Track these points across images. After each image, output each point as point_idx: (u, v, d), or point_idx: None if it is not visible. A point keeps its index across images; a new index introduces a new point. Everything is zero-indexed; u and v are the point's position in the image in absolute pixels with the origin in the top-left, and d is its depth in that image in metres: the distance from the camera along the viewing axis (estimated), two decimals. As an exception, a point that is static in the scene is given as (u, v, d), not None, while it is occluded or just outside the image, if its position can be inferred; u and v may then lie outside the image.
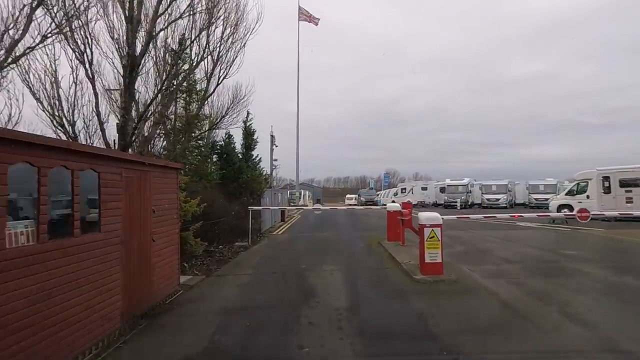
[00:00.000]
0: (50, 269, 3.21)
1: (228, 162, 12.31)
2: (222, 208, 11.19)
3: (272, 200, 17.53)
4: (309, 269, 7.76)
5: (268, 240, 12.68)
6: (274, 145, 25.78)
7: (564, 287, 5.90)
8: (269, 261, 8.95)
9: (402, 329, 4.37)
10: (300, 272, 7.55)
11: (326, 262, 8.57)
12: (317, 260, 8.80)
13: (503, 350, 3.71)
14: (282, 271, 7.75)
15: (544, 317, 4.57)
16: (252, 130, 13.84)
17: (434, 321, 4.52)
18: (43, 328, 3.08)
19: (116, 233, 4.35)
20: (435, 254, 6.64)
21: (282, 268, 8.09)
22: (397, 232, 10.87)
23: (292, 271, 7.75)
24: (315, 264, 8.27)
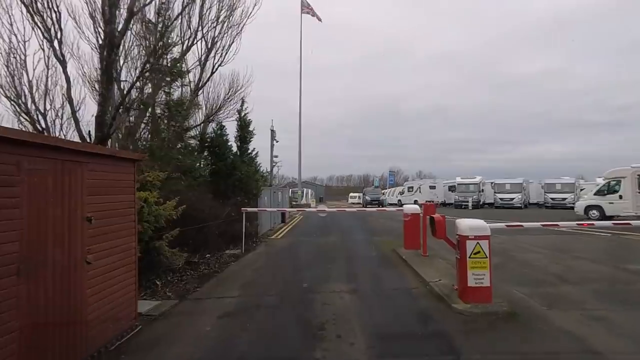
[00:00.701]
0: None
1: (219, 156, 10.67)
2: (210, 210, 9.55)
3: (271, 200, 15.87)
4: (312, 290, 6.11)
5: (265, 247, 11.02)
6: (275, 140, 24.13)
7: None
8: (263, 277, 7.30)
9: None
10: (301, 295, 5.90)
11: (333, 278, 6.92)
12: (322, 275, 7.15)
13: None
14: (278, 293, 6.10)
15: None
16: (247, 121, 12.19)
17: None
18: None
19: (7, 259, 2.72)
20: (481, 276, 4.96)
21: (279, 288, 6.43)
22: (416, 239, 9.22)
23: (290, 293, 6.09)
24: (320, 281, 6.63)
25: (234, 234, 10.48)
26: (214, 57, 16.34)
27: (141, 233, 5.89)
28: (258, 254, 9.73)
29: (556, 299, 5.29)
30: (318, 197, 74.69)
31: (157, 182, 7.08)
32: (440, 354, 3.70)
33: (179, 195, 7.93)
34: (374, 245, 11.09)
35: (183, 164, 8.53)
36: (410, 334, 4.28)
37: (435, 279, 6.40)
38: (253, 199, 12.14)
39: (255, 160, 12.78)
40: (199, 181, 9.37)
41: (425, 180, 39.51)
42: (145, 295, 5.90)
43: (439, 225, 5.65)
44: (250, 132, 12.30)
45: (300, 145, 38.85)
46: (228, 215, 10.14)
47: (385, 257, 8.92)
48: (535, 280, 6.49)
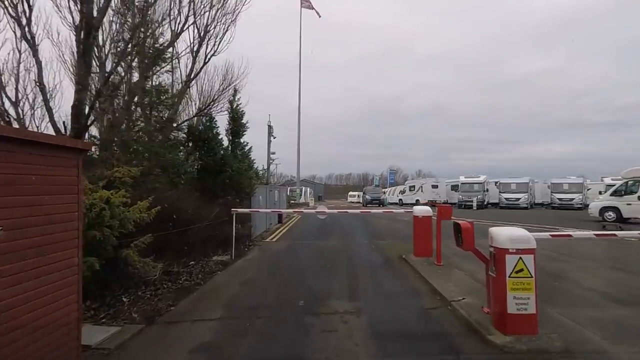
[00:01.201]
0: None
1: (208, 151, 9.58)
2: (195, 211, 8.48)
3: (267, 199, 14.78)
4: (310, 310, 5.05)
5: (258, 251, 9.94)
6: (272, 136, 22.99)
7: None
8: (253, 290, 6.23)
9: None
10: (297, 317, 4.83)
11: (334, 293, 5.86)
12: (321, 288, 6.09)
13: None
14: (269, 314, 5.02)
15: None
16: (240, 112, 11.09)
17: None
18: None
19: None
20: (525, 300, 3.90)
21: (270, 306, 5.36)
22: (428, 245, 8.17)
23: (284, 314, 5.02)
24: (319, 297, 5.57)
25: (224, 238, 9.41)
26: (207, 46, 15.32)
27: (101, 241, 4.83)
28: (249, 261, 8.65)
29: (614, 327, 4.24)
30: (317, 196, 73.57)
31: (128, 179, 6.01)
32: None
33: (158, 194, 6.87)
34: (378, 250, 10.03)
35: (164, 158, 7.44)
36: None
37: (458, 296, 5.34)
38: (246, 199, 11.05)
39: (249, 156, 11.70)
40: (183, 178, 8.28)
41: (427, 179, 38.40)
42: (105, 317, 4.84)
43: (466, 234, 4.58)
44: (243, 125, 11.20)
45: (299, 142, 37.82)
46: (216, 217, 9.06)
47: (393, 266, 7.85)
48: (577, 299, 5.43)
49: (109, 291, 5.61)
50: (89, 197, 4.96)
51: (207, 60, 15.38)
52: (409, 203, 39.28)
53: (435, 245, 7.76)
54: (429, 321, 4.69)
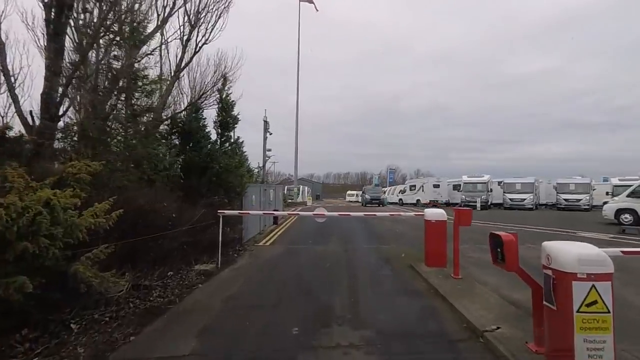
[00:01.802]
0: None
1: (193, 145, 8.49)
2: (177, 213, 7.40)
3: (260, 199, 13.69)
4: (305, 342, 3.99)
5: (249, 258, 8.86)
6: (268, 132, 21.84)
7: None
8: (237, 311, 5.14)
9: None
10: (288, 354, 3.77)
11: (336, 315, 4.81)
12: (320, 309, 5.04)
13: None
14: (255, 348, 3.95)
15: None
16: (230, 102, 9.98)
17: None
18: None
19: None
20: (600, 345, 2.85)
21: (257, 334, 4.28)
22: (442, 254, 7.12)
23: (274, 347, 3.95)
24: (317, 322, 4.52)
25: (209, 243, 8.33)
26: (197, 34, 14.23)
27: (37, 255, 3.75)
28: (237, 270, 7.57)
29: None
30: (315, 195, 72.46)
31: (86, 175, 4.93)
32: None
33: (128, 194, 5.79)
34: (383, 257, 8.97)
35: (136, 151, 6.35)
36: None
37: (489, 323, 4.28)
38: (236, 199, 9.97)
39: (240, 152, 10.60)
40: (162, 175, 7.19)
41: (428, 179, 37.36)
42: (42, 352, 3.75)
43: (509, 249, 3.52)
44: (234, 118, 10.10)
45: (296, 139, 36.73)
46: (201, 219, 7.98)
47: (403, 279, 6.78)
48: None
49: (58, 314, 4.53)
50: (24, 199, 3.87)
51: (197, 49, 14.28)
52: (409, 203, 38.30)
53: (452, 254, 6.72)
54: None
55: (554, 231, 13.96)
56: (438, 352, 3.83)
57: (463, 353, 3.79)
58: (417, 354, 3.77)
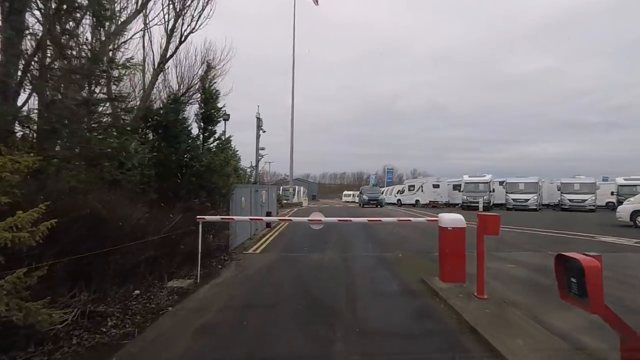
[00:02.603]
0: None
1: (169, 140, 7.34)
2: (148, 219, 6.25)
3: (251, 200, 12.54)
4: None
5: (234, 270, 7.71)
6: (261, 129, 20.64)
7: None
8: (210, 350, 3.99)
9: None
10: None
11: (336, 353, 3.68)
12: (315, 348, 3.90)
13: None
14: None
15: None
16: (215, 92, 8.81)
17: None
18: None
19: None
20: None
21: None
22: (460, 267, 6.03)
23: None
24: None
25: (189, 254, 7.20)
26: (183, 23, 13.10)
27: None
28: (219, 287, 6.42)
29: None
30: (311, 195, 71.33)
31: (8, 174, 3.77)
32: None
33: (77, 198, 4.65)
34: (389, 267, 7.87)
35: (89, 145, 5.19)
36: None
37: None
38: (222, 201, 8.82)
39: (227, 149, 9.44)
40: (128, 175, 6.04)
41: (428, 178, 36.31)
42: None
43: (593, 280, 2.40)
44: (219, 110, 8.94)
45: (292, 138, 35.62)
46: (177, 227, 6.83)
47: (416, 299, 5.65)
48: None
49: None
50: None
51: (183, 39, 13.14)
52: (407, 204, 37.28)
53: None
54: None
55: (568, 235, 12.94)
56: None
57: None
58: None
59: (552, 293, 2.55)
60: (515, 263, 8.06)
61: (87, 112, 5.40)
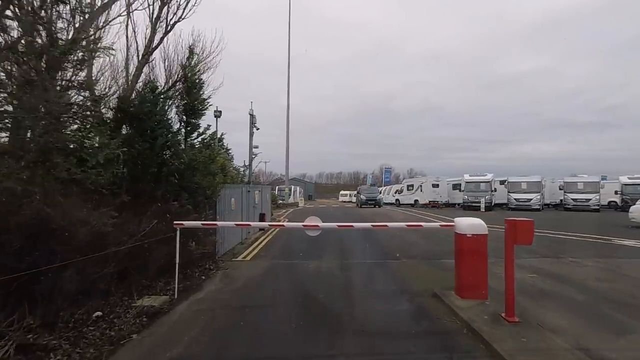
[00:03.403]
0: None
1: (144, 133, 6.39)
2: (112, 227, 5.30)
3: (242, 202, 11.60)
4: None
5: (220, 283, 6.78)
6: (255, 127, 19.66)
7: None
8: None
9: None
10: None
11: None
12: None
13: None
14: None
15: None
16: (198, 82, 7.84)
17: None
18: None
19: None
20: None
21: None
22: (482, 281, 5.14)
23: None
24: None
25: (166, 263, 6.25)
26: (168, 11, 12.12)
27: None
28: (198, 304, 5.48)
29: None
30: (307, 195, 70.35)
31: None
32: None
33: (18, 200, 3.71)
34: (395, 278, 6.96)
35: (39, 141, 4.23)
36: None
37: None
38: (208, 203, 7.88)
39: (213, 144, 8.47)
40: (90, 174, 5.09)
41: (427, 177, 35.44)
42: None
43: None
44: (203, 102, 7.98)
45: (287, 137, 34.67)
46: (151, 234, 5.88)
47: (432, 322, 4.73)
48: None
49: None
50: None
51: (169, 28, 12.19)
52: (406, 204, 36.44)
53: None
54: None
55: (582, 238, 12.10)
56: None
57: None
58: None
59: (592, 312, 1.67)
60: (536, 272, 7.19)
61: (37, 98, 4.43)
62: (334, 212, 28.55)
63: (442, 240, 11.58)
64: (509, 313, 4.46)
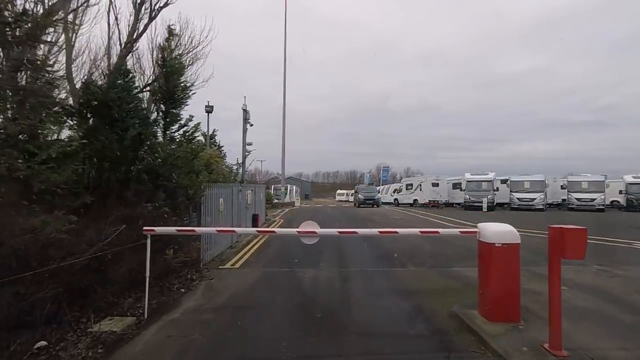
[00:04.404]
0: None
1: (112, 124, 5.43)
2: (67, 234, 4.35)
3: (232, 203, 10.66)
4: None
5: (202, 296, 5.84)
6: (249, 123, 18.68)
7: None
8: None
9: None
10: None
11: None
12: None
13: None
14: None
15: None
16: (179, 66, 6.84)
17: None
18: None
19: None
20: None
21: None
22: (514, 300, 4.26)
23: None
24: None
25: (135, 277, 5.31)
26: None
27: None
28: (171, 328, 4.54)
29: None
30: (304, 194, 69.41)
31: None
32: None
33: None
34: (406, 293, 6.05)
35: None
36: None
37: None
38: (190, 204, 6.93)
39: (197, 138, 7.51)
40: (38, 171, 4.16)
41: (427, 176, 34.55)
42: None
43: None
44: (185, 89, 7.02)
45: (284, 136, 33.77)
46: (118, 242, 4.94)
47: (459, 354, 3.82)
48: None
49: None
50: None
51: (153, 14, 11.19)
52: (405, 203, 35.60)
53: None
54: None
55: (600, 241, 11.25)
56: None
57: None
58: None
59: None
60: (565, 284, 6.30)
61: None
62: (332, 212, 27.63)
63: (448, 244, 10.72)
64: (554, 344, 3.57)
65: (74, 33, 9.28)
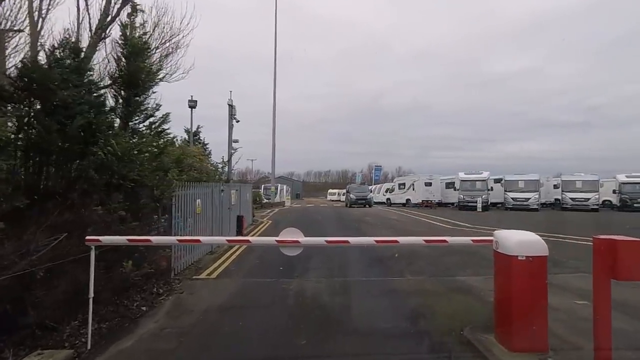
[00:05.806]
0: None
1: (54, 111, 4.48)
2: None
3: (214, 204, 9.72)
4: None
5: (165, 316, 4.94)
6: (234, 119, 17.70)
7: None
8: None
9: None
10: None
11: None
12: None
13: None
14: None
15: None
16: (142, 45, 5.89)
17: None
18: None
19: None
20: None
21: None
22: (541, 325, 3.43)
23: None
24: None
25: (81, 296, 4.38)
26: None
27: None
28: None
29: None
30: (294, 194, 68.35)
31: None
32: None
33: None
34: (406, 308, 5.23)
35: None
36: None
37: None
38: (158, 207, 6.01)
39: (167, 130, 6.56)
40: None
41: (420, 176, 33.87)
42: None
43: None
44: (151, 72, 6.08)
45: (274, 135, 32.82)
46: (59, 254, 4.01)
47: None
48: None
49: None
50: None
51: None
52: (398, 203, 34.94)
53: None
54: None
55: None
56: None
57: None
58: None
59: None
60: (584, 297, 5.55)
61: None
62: (323, 213, 26.78)
63: (447, 248, 9.93)
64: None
65: (40, 17, 8.25)
